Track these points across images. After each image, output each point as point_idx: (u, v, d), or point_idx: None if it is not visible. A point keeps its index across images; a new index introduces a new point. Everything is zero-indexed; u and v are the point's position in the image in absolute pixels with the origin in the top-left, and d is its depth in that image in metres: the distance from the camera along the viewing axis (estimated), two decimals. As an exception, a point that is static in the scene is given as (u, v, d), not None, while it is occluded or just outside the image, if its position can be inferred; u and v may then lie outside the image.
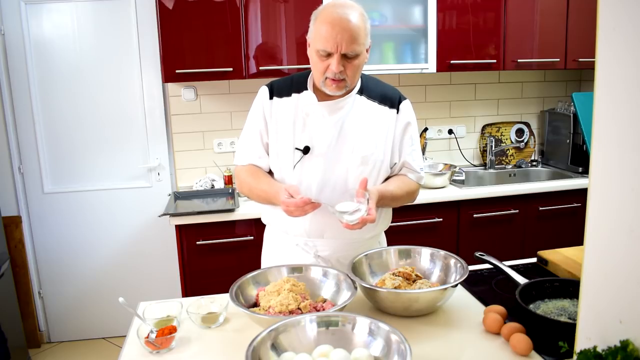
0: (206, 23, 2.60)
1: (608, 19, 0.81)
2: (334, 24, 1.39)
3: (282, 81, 1.62)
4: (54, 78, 2.90)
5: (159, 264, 3.12)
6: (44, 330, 3.15)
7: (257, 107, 1.61)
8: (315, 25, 1.44)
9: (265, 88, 1.61)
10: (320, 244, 1.59)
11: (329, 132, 1.53)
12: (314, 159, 1.53)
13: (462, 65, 2.89)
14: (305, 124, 1.54)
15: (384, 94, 1.60)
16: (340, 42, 1.39)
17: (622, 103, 0.80)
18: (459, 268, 1.40)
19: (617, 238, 0.83)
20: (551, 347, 1.14)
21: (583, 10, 2.94)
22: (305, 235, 1.59)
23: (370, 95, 1.58)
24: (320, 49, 1.42)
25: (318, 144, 1.53)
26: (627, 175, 0.80)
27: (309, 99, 1.54)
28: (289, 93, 1.57)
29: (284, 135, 1.56)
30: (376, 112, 1.57)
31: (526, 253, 1.94)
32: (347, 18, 1.39)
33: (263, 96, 1.60)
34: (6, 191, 2.93)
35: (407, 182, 1.61)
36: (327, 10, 1.42)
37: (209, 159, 3.07)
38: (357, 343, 1.09)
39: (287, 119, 1.56)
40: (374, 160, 1.55)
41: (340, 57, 1.41)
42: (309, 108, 1.54)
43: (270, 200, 1.55)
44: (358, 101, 1.56)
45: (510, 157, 3.42)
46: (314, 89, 1.56)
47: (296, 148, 1.54)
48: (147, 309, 1.36)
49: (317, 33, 1.42)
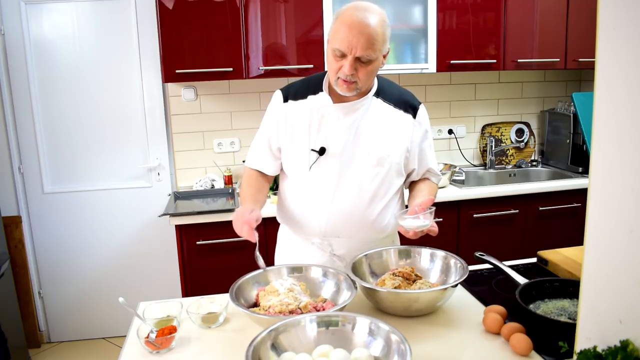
0: (206, 23, 2.60)
1: (608, 19, 0.81)
2: (352, 26, 1.39)
3: (299, 83, 1.63)
4: (54, 78, 2.90)
5: (159, 264, 3.12)
6: (44, 330, 3.15)
7: (270, 112, 1.63)
8: (335, 24, 1.44)
9: (279, 92, 1.62)
10: (335, 243, 1.61)
11: (345, 133, 1.54)
12: (330, 160, 1.54)
13: (462, 65, 2.89)
14: (320, 126, 1.55)
15: (400, 97, 1.60)
16: (355, 46, 1.39)
17: (622, 103, 0.80)
18: (459, 268, 1.40)
19: (617, 238, 0.83)
20: (551, 347, 1.14)
21: (583, 10, 2.94)
22: (321, 234, 1.60)
23: (386, 98, 1.58)
24: (335, 48, 1.42)
25: (333, 145, 1.54)
26: (627, 175, 0.80)
27: (324, 100, 1.55)
28: (305, 95, 1.58)
29: (300, 137, 1.57)
30: (391, 115, 1.58)
31: (526, 253, 1.94)
32: (367, 22, 1.39)
33: (276, 100, 1.62)
34: (6, 191, 2.93)
35: (434, 187, 1.71)
36: (349, 12, 1.42)
37: (209, 159, 3.07)
38: (357, 343, 1.09)
39: (302, 121, 1.57)
40: (390, 162, 1.56)
41: (354, 60, 1.41)
42: (324, 110, 1.54)
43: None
44: (374, 103, 1.57)
45: (510, 157, 3.42)
46: (329, 91, 1.56)
47: (312, 149, 1.55)
48: (147, 309, 1.36)
49: (335, 32, 1.43)
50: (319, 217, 1.57)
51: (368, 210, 1.57)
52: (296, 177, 1.60)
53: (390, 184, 1.59)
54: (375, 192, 1.56)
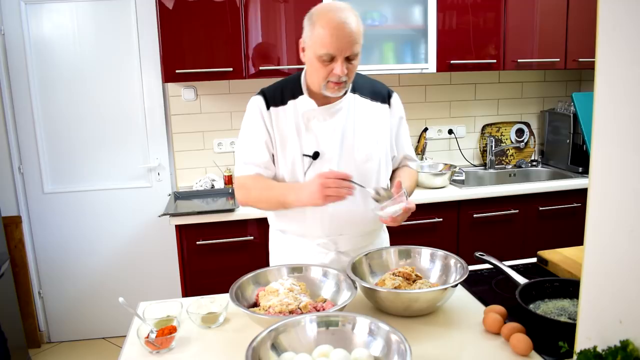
0: (206, 23, 2.60)
1: (608, 19, 0.81)
2: (337, 28, 1.40)
3: (272, 90, 1.60)
4: (54, 78, 2.90)
5: (159, 264, 3.12)
6: (44, 330, 3.15)
7: (257, 118, 1.57)
8: (315, 30, 1.43)
9: (260, 98, 1.58)
10: (340, 241, 1.62)
11: (333, 134, 1.55)
12: (325, 164, 1.55)
13: (462, 65, 2.89)
14: (308, 130, 1.56)
15: (374, 89, 1.65)
16: (344, 47, 1.42)
17: (622, 103, 0.80)
18: (459, 268, 1.40)
19: (617, 238, 0.83)
20: (551, 347, 1.14)
21: (583, 10, 2.94)
22: (325, 235, 1.61)
23: (362, 92, 1.62)
24: (323, 54, 1.42)
25: (326, 148, 1.55)
26: (627, 175, 0.80)
27: (308, 104, 1.55)
28: (284, 101, 1.57)
29: (290, 144, 1.56)
30: (370, 108, 1.61)
31: (526, 253, 1.94)
32: (347, 22, 1.42)
33: (261, 106, 1.57)
34: (6, 191, 2.93)
35: (413, 173, 1.73)
36: (327, 15, 1.42)
37: (209, 159, 3.07)
38: (357, 343, 1.09)
39: (289, 127, 1.56)
40: (378, 156, 1.60)
41: (344, 60, 1.43)
42: (310, 113, 1.55)
43: (286, 199, 1.50)
44: (353, 100, 1.60)
45: (510, 157, 3.42)
46: (309, 94, 1.56)
47: (304, 154, 1.55)
48: (147, 309, 1.36)
49: (318, 38, 1.42)
50: (322, 219, 1.58)
51: (364, 206, 1.58)
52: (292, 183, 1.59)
53: (382, 177, 1.63)
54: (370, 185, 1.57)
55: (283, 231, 1.69)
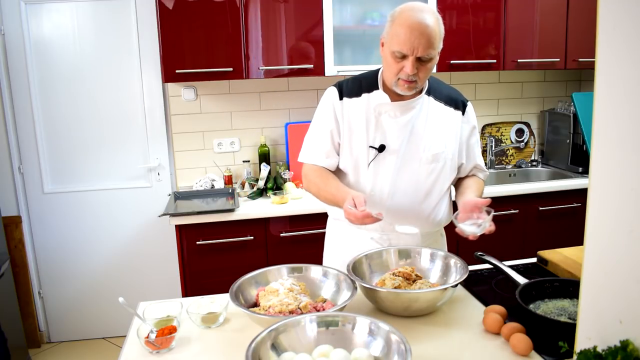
0: (206, 23, 2.60)
1: (608, 19, 0.81)
2: (412, 28, 1.43)
3: (351, 81, 1.66)
4: (54, 78, 2.90)
5: (159, 264, 3.12)
6: (44, 330, 3.15)
7: (328, 107, 1.64)
8: (393, 27, 1.48)
9: (334, 89, 1.65)
10: (393, 237, 1.64)
11: (402, 131, 1.58)
12: (388, 157, 1.59)
13: (462, 65, 2.89)
14: (378, 123, 1.59)
15: (449, 95, 1.67)
16: (417, 46, 1.44)
17: (622, 103, 0.80)
18: (459, 268, 1.40)
19: (617, 238, 0.82)
20: (551, 347, 1.14)
21: (583, 10, 2.94)
22: (380, 230, 1.64)
23: (436, 96, 1.64)
24: (396, 51, 1.46)
25: (392, 143, 1.58)
26: (627, 175, 0.80)
27: (381, 98, 1.58)
28: (359, 93, 1.62)
29: (358, 135, 1.60)
30: (443, 112, 1.64)
31: (526, 253, 1.94)
32: (426, 23, 1.44)
33: (333, 97, 1.64)
34: (6, 191, 2.93)
35: (481, 183, 1.73)
36: (406, 14, 1.46)
37: (209, 159, 3.07)
38: (357, 343, 1.09)
39: (359, 119, 1.60)
40: (444, 158, 1.62)
41: (415, 60, 1.46)
42: (382, 107, 1.58)
43: (337, 204, 1.57)
44: (427, 102, 1.62)
45: (510, 157, 3.42)
46: (384, 89, 1.60)
47: (370, 146, 1.58)
48: (147, 309, 1.36)
49: (395, 35, 1.46)
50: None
51: (423, 205, 1.62)
52: (354, 174, 1.63)
53: (445, 180, 1.65)
54: (430, 187, 1.62)
55: (338, 219, 1.72)
